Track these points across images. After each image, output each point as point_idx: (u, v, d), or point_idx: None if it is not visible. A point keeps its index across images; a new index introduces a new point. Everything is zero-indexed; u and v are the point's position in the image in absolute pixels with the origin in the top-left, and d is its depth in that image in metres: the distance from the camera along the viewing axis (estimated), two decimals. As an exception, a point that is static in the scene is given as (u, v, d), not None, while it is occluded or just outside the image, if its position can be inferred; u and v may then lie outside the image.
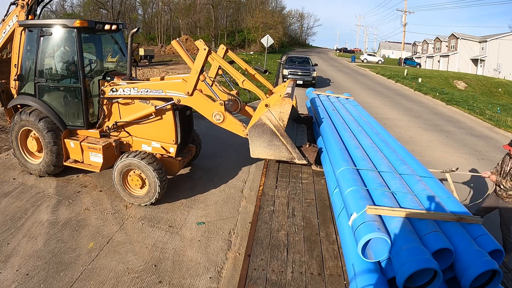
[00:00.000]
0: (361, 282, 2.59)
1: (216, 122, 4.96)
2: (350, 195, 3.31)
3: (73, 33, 5.16)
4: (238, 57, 6.71)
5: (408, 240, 2.60)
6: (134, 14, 57.72)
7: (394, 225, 2.82)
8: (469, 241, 2.70)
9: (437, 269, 2.40)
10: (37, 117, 5.43)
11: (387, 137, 5.19)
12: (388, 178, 3.69)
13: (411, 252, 2.45)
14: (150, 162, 4.91)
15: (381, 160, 4.09)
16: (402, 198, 3.24)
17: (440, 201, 3.23)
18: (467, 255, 2.54)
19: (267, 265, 3.19)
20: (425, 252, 2.48)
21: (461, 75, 37.28)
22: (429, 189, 3.47)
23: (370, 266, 2.71)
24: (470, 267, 2.45)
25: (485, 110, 16.52)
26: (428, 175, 3.86)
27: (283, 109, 4.55)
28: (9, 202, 5.14)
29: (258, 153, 4.74)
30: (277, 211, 4.12)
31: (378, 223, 2.79)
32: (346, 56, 57.70)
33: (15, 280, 3.62)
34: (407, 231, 2.73)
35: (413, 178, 3.69)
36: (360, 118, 6.13)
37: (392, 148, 4.64)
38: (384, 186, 3.48)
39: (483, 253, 2.53)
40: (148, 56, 26.85)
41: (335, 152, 4.44)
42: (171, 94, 4.99)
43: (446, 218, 2.96)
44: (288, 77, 18.25)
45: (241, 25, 55.25)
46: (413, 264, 2.36)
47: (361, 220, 2.83)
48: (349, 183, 3.50)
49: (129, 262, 4.02)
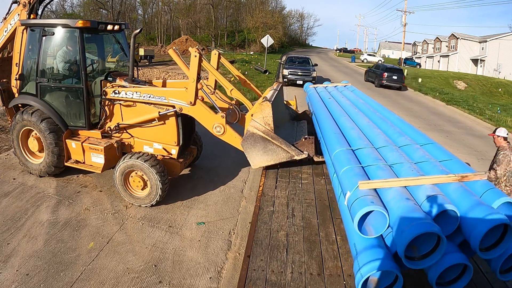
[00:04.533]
0: (362, 259, 2.53)
1: (216, 134, 5.00)
2: (344, 175, 3.25)
3: (76, 33, 5.16)
4: (229, 63, 6.78)
5: (405, 208, 2.50)
6: (134, 14, 57.68)
7: (390, 196, 2.73)
8: (474, 199, 2.56)
9: (439, 233, 2.28)
10: (39, 118, 5.44)
11: (386, 114, 5.06)
12: (385, 152, 3.60)
13: (409, 219, 2.37)
14: (153, 164, 4.91)
15: (378, 136, 3.99)
16: (399, 168, 3.15)
17: (440, 165, 3.12)
18: (473, 214, 2.39)
19: (266, 265, 3.19)
20: (423, 217, 2.38)
21: (461, 75, 37.25)
22: (429, 155, 3.35)
23: (371, 242, 2.65)
24: (477, 226, 2.31)
25: (485, 110, 16.52)
26: (429, 142, 3.73)
27: (265, 114, 4.61)
28: (9, 202, 5.15)
29: (257, 162, 4.78)
30: (276, 211, 4.13)
31: (371, 197, 2.72)
32: (346, 56, 57.64)
33: (15, 280, 3.63)
34: (403, 199, 2.63)
35: (412, 147, 3.57)
36: (357, 101, 6.03)
37: (390, 123, 4.52)
38: (380, 160, 3.37)
39: (490, 209, 2.38)
40: (148, 56, 26.82)
41: (329, 136, 4.39)
42: (174, 102, 5.03)
43: (447, 180, 2.84)
44: (288, 77, 18.27)
45: (241, 25, 55.23)
46: (412, 231, 2.27)
47: (354, 197, 2.78)
48: (342, 164, 3.43)
49: (129, 262, 4.02)
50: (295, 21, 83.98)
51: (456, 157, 3.31)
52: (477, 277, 3.13)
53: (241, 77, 6.80)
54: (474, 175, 2.84)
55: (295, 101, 7.49)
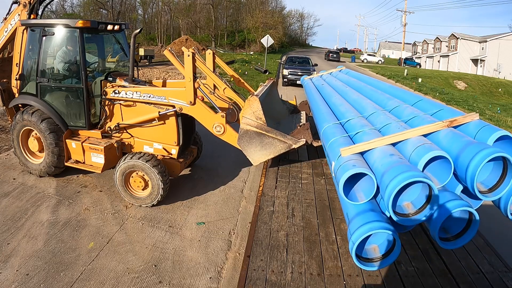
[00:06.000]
0: (353, 226, 2.45)
1: (216, 134, 5.00)
2: (330, 148, 3.16)
3: (76, 33, 5.16)
4: (223, 62, 6.79)
5: (388, 164, 2.38)
6: (134, 14, 57.69)
7: (374, 157, 2.62)
8: (465, 140, 2.39)
9: (427, 181, 2.13)
10: (39, 118, 5.44)
11: (377, 84, 4.95)
12: (373, 118, 3.49)
13: (392, 172, 2.25)
14: (154, 164, 4.91)
15: (367, 106, 3.89)
16: (386, 130, 3.03)
17: (430, 117, 2.96)
18: (465, 154, 2.23)
19: (266, 265, 3.19)
20: (406, 167, 2.25)
21: (461, 75, 37.27)
22: (419, 111, 3.21)
23: (363, 208, 2.56)
24: (470, 163, 2.15)
25: (485, 110, 16.52)
26: (419, 99, 3.58)
27: (254, 108, 4.60)
28: (9, 202, 5.15)
29: (257, 159, 4.76)
30: (276, 211, 4.13)
31: (354, 161, 2.60)
32: (346, 56, 57.68)
33: (15, 280, 3.63)
34: (387, 156, 2.51)
35: (401, 107, 3.44)
36: (349, 80, 5.94)
37: (381, 91, 4.42)
38: (367, 126, 3.27)
39: (483, 145, 2.22)
40: (148, 56, 26.83)
41: (319, 118, 4.34)
42: (174, 102, 5.03)
43: (435, 128, 2.67)
44: (288, 77, 18.27)
45: (241, 25, 55.23)
46: (396, 183, 2.14)
47: (338, 165, 2.68)
48: (328, 138, 3.35)
49: (129, 262, 4.03)
50: (295, 21, 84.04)
51: (448, 107, 3.11)
52: (477, 277, 3.13)
53: (235, 77, 6.82)
54: (463, 117, 2.64)
55: (295, 101, 7.49)
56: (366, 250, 2.51)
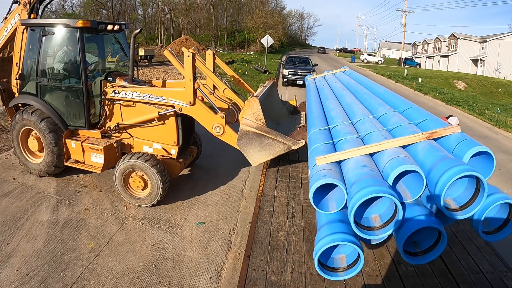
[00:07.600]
0: (319, 235, 2.43)
1: (216, 134, 5.00)
2: (310, 155, 3.12)
3: (76, 33, 5.16)
4: (223, 63, 6.78)
5: (358, 175, 2.34)
6: (134, 14, 57.70)
7: (347, 167, 2.58)
8: (439, 154, 2.33)
9: (390, 197, 2.09)
10: (39, 118, 5.44)
11: (374, 88, 4.90)
12: (359, 125, 3.45)
13: (359, 185, 2.21)
14: (153, 164, 4.91)
15: (357, 111, 3.85)
16: (368, 138, 2.99)
17: (414, 127, 2.91)
18: (436, 170, 2.18)
19: (266, 265, 3.19)
20: (374, 180, 2.21)
21: (461, 75, 37.28)
22: (405, 119, 3.15)
23: (332, 218, 2.53)
24: (439, 181, 2.11)
25: (485, 110, 16.52)
26: (409, 107, 3.53)
27: (253, 109, 4.59)
28: (9, 202, 5.15)
29: (256, 160, 4.75)
30: (276, 211, 4.13)
31: (326, 171, 2.55)
32: (346, 56, 57.68)
33: (15, 280, 3.63)
34: (359, 167, 2.47)
35: (389, 115, 3.39)
36: (349, 82, 5.90)
37: (374, 96, 4.38)
38: (351, 134, 3.22)
39: (455, 161, 2.16)
40: (148, 56, 26.83)
41: (309, 120, 4.32)
42: (173, 102, 5.03)
43: (413, 140, 2.61)
44: (288, 77, 18.26)
45: (241, 25, 55.24)
46: (359, 196, 2.11)
47: (311, 174, 2.65)
48: (311, 144, 3.31)
49: (129, 262, 4.02)
50: (295, 21, 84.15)
51: (433, 116, 3.04)
52: (477, 277, 3.13)
53: (235, 77, 6.81)
54: (444, 129, 2.57)
55: (295, 101, 7.49)
56: (334, 259, 2.49)
